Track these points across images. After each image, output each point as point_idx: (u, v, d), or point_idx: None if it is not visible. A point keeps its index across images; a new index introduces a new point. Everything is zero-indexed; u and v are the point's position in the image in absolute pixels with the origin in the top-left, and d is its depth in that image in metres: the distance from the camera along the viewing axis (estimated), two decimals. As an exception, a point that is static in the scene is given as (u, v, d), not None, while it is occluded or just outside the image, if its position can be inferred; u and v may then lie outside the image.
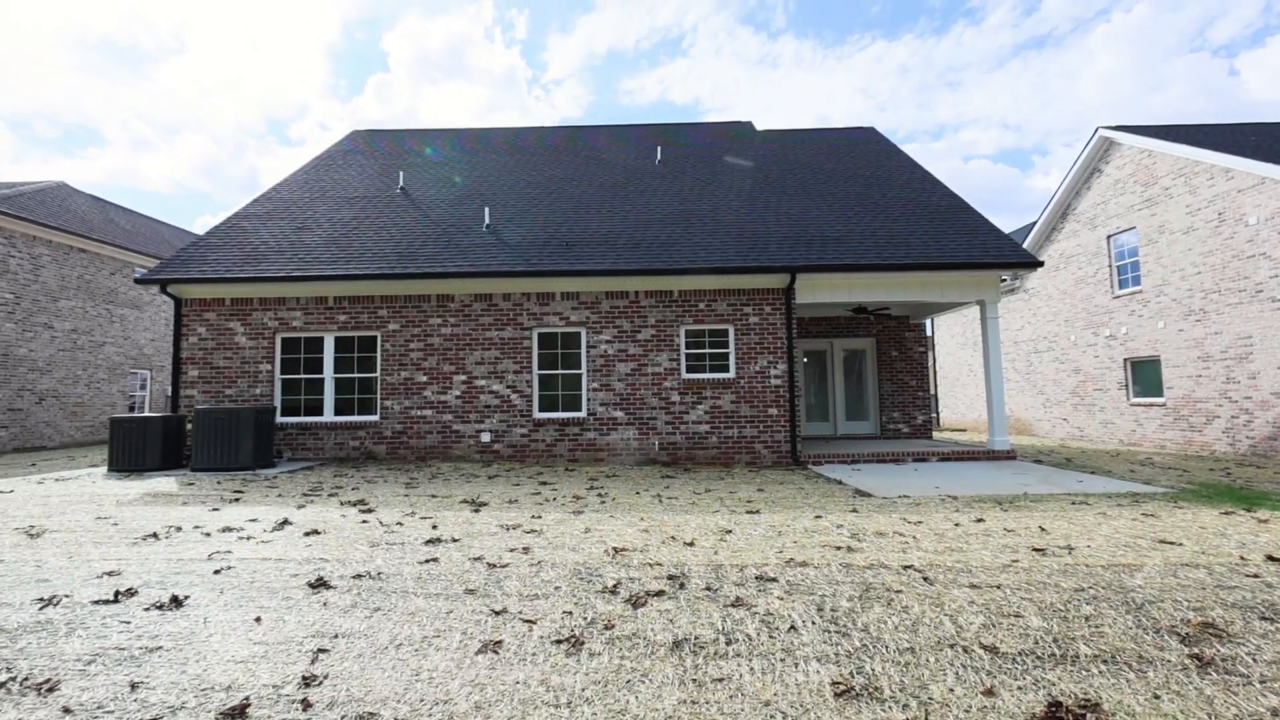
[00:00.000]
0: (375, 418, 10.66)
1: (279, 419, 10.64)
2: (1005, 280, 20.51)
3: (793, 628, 3.52)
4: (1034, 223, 19.49)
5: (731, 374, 10.66)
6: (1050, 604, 3.80)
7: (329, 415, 10.72)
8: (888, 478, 8.52)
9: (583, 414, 10.64)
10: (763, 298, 10.71)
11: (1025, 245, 19.31)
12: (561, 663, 3.11)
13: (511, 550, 4.97)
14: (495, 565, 4.59)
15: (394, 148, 16.14)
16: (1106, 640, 3.33)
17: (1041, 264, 10.43)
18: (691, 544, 5.18)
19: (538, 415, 10.65)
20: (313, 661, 3.06)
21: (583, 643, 3.32)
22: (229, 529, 5.57)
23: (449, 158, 15.49)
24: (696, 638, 3.36)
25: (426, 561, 4.66)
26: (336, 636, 3.34)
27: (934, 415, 24.97)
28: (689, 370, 10.73)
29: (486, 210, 12.05)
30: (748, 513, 6.41)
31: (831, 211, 12.22)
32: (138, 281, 10.36)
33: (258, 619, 3.53)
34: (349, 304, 10.74)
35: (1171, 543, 5.07)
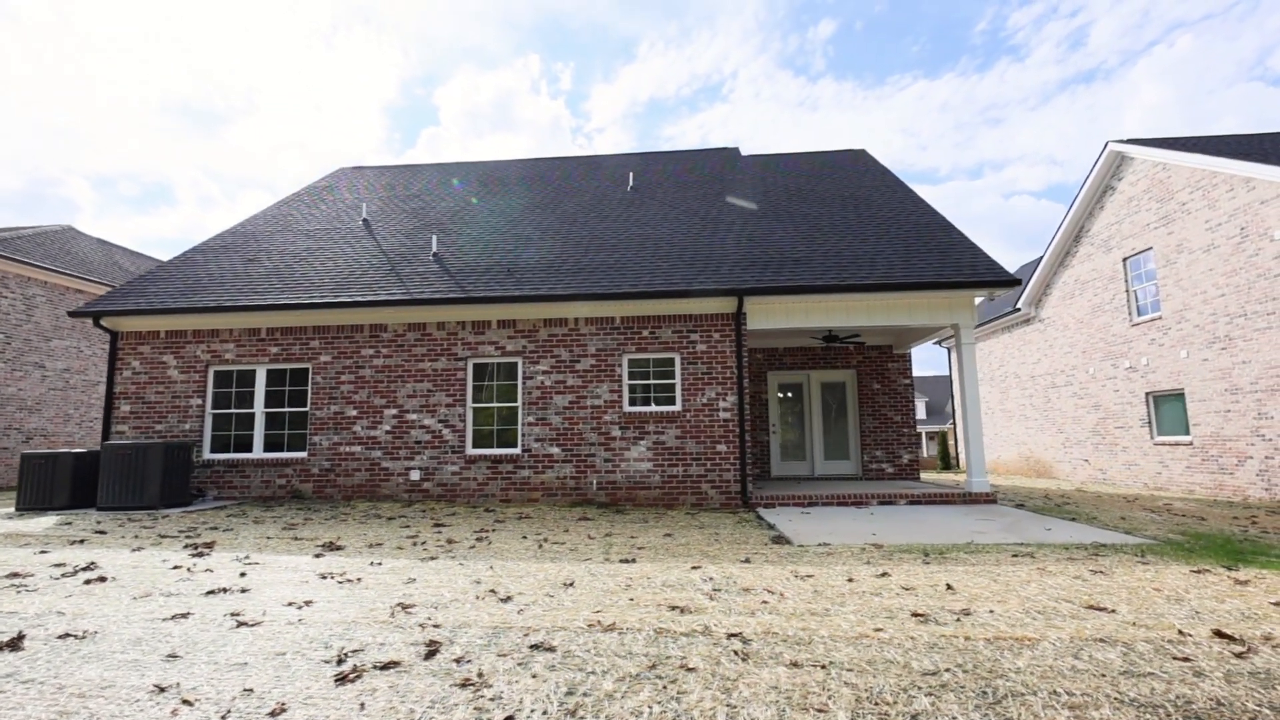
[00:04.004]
0: (304, 454, 10.16)
1: (208, 455, 10.25)
2: (1020, 310, 19.12)
3: (510, 719, 2.68)
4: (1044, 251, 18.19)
5: (677, 406, 9.81)
6: (878, 692, 2.86)
7: (258, 451, 10.27)
8: (828, 523, 7.47)
9: (518, 450, 9.91)
10: (711, 324, 9.91)
11: (1038, 271, 18.03)
12: (158, 765, 2.36)
13: (290, 604, 4.24)
14: (246, 623, 3.86)
15: (373, 182, 16.16)
16: (919, 753, 2.40)
17: (1018, 282, 9.37)
18: (509, 599, 4.36)
19: (470, 451, 9.97)
20: None
21: (218, 735, 2.56)
22: (16, 575, 5.01)
23: (423, 190, 15.37)
24: (365, 733, 2.56)
25: (174, 617, 3.97)
26: (-82, 720, 2.65)
27: (954, 456, 23.28)
28: (631, 403, 9.93)
29: (434, 238, 11.70)
30: (621, 561, 5.53)
31: (797, 232, 11.43)
32: (71, 314, 10.27)
33: None
34: (281, 335, 10.40)
35: (1102, 609, 4.00)
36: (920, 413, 51.97)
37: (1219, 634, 3.50)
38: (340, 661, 3.29)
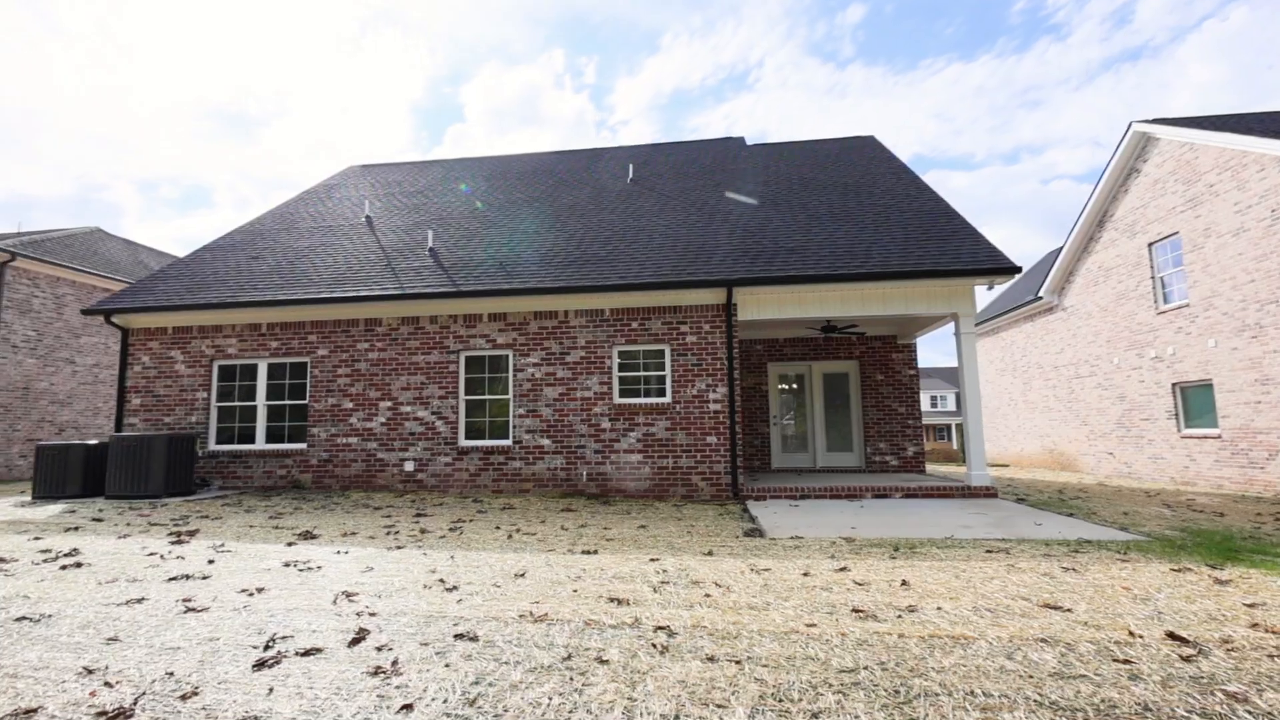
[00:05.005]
0: (303, 446, 10.37)
1: (213, 446, 10.54)
2: (1043, 299, 18.47)
3: (408, 706, 2.68)
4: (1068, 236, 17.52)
5: (667, 398, 9.73)
6: (785, 689, 2.78)
7: (260, 443, 10.52)
8: (811, 516, 7.33)
9: (509, 442, 9.96)
10: (700, 315, 9.79)
11: (1061, 258, 17.40)
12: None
13: (242, 591, 4.32)
14: (194, 609, 3.95)
15: (381, 179, 16.37)
16: (807, 754, 2.32)
17: (1019, 270, 9.03)
18: (455, 589, 4.37)
19: (463, 443, 10.06)
20: None
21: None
22: (1, 560, 5.21)
23: (428, 186, 15.51)
24: (252, 721, 2.58)
25: (128, 602, 4.08)
26: None
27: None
28: (621, 395, 9.88)
29: (430, 234, 11.80)
30: (584, 553, 5.50)
31: (795, 222, 11.22)
32: (84, 312, 10.64)
33: None
34: (281, 330, 10.62)
35: (1058, 608, 3.82)
36: (949, 404, 50.83)
37: (1171, 636, 3.31)
38: (267, 648, 3.33)
